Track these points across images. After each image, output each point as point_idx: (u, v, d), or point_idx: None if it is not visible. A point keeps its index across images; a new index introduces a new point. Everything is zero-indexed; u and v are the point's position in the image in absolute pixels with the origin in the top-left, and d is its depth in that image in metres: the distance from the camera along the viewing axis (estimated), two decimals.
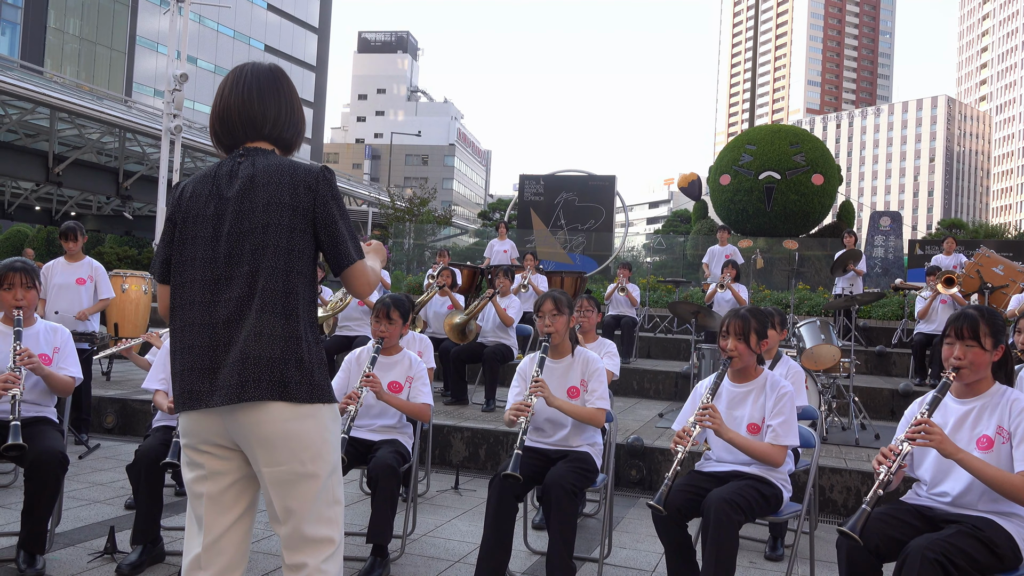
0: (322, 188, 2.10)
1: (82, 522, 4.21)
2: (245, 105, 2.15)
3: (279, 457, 1.99)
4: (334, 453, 2.09)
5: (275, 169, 2.09)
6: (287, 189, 2.07)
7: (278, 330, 2.01)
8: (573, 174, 17.76)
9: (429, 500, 4.98)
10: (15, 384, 3.35)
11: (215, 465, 2.08)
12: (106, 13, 47.03)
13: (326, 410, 2.06)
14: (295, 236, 2.07)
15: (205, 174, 2.18)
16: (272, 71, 2.23)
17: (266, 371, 1.98)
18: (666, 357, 10.41)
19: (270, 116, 2.17)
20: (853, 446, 6.05)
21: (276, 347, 2.00)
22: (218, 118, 2.19)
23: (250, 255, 2.04)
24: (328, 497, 2.07)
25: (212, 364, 2.02)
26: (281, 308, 2.03)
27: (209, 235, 2.08)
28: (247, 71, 2.21)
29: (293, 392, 2.00)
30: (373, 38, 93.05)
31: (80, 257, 6.41)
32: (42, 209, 37.52)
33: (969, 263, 9.75)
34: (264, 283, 2.03)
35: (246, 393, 1.97)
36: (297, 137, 2.25)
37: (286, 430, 1.99)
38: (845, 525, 2.49)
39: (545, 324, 3.72)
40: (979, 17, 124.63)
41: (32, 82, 25.18)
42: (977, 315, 2.70)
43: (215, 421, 2.04)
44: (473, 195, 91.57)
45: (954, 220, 31.92)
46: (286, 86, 2.24)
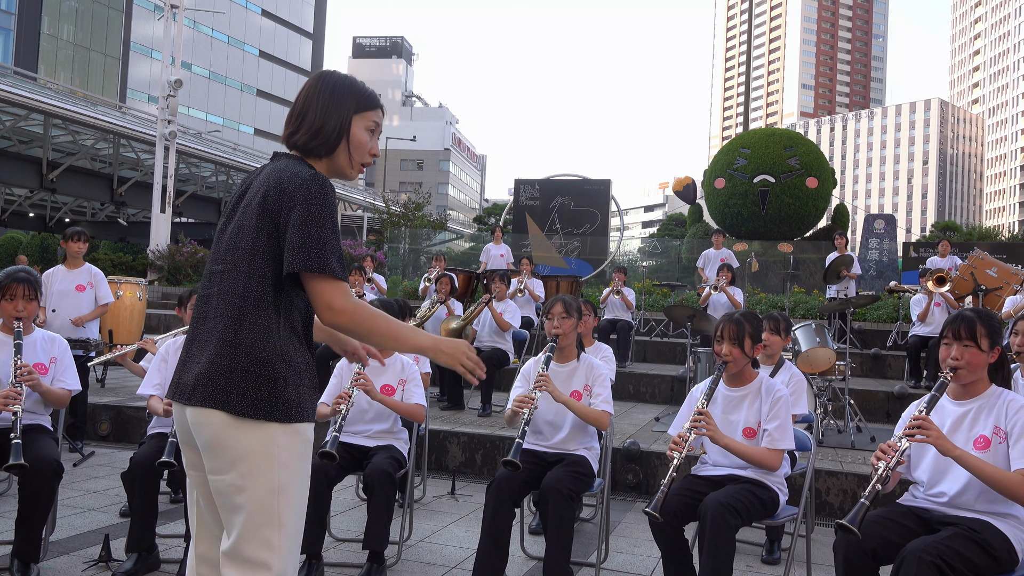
0: (297, 193, 1.93)
1: (77, 530, 4.18)
2: (295, 104, 2.11)
3: (218, 465, 1.90)
4: (281, 472, 1.90)
5: (270, 172, 2.03)
6: (263, 190, 1.98)
7: (229, 336, 1.91)
8: (568, 178, 17.78)
9: (425, 506, 4.97)
10: (16, 400, 3.34)
11: (192, 476, 2.04)
12: (100, 19, 46.96)
13: (276, 428, 1.90)
14: (260, 238, 1.95)
15: (250, 173, 2.17)
16: (331, 76, 2.12)
17: (213, 377, 1.89)
18: (662, 361, 10.41)
19: (295, 121, 2.08)
20: (849, 449, 6.05)
21: (225, 355, 1.90)
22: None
23: (223, 254, 2.01)
24: (269, 519, 1.88)
25: (187, 356, 2.01)
26: (236, 313, 1.92)
27: (220, 230, 2.11)
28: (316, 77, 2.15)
29: (234, 404, 1.87)
30: (368, 43, 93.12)
31: (80, 263, 6.42)
32: (36, 216, 37.41)
33: (963, 265, 9.77)
34: (224, 285, 1.97)
35: (195, 398, 1.90)
36: (317, 146, 2.06)
37: (224, 438, 1.88)
38: (844, 519, 2.49)
39: (554, 326, 3.75)
40: (971, 20, 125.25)
41: (26, 88, 25.13)
42: (975, 316, 2.72)
43: (180, 413, 1.99)
44: (468, 200, 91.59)
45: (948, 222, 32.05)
46: (319, 90, 2.08)
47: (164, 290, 16.28)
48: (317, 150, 2.07)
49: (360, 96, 2.10)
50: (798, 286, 14.19)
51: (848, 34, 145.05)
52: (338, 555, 3.98)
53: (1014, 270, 9.53)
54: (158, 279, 17.77)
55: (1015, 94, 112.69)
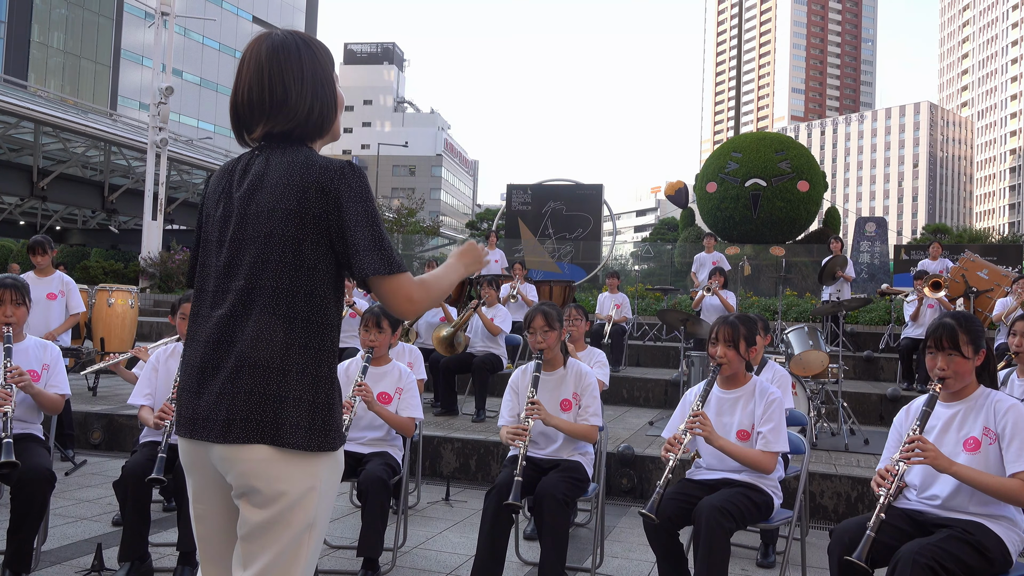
0: (339, 189, 1.74)
1: (68, 539, 4.16)
2: (255, 89, 1.81)
3: (254, 500, 1.71)
4: (320, 505, 1.76)
5: (287, 168, 1.77)
6: (295, 193, 1.74)
7: (276, 362, 1.71)
8: (560, 183, 17.82)
9: (420, 512, 4.96)
10: (6, 401, 3.32)
11: (199, 507, 1.85)
12: (90, 27, 46.87)
13: (324, 459, 1.75)
14: (304, 250, 1.74)
15: (225, 169, 1.90)
16: (287, 42, 1.85)
17: (256, 409, 1.69)
18: (655, 365, 10.43)
19: (271, 110, 1.81)
20: (842, 451, 6.07)
21: (272, 383, 1.70)
22: (232, 106, 1.87)
23: (247, 268, 1.75)
24: (296, 555, 1.74)
25: (199, 387, 1.76)
26: (282, 336, 1.72)
27: (216, 240, 1.82)
28: (259, 46, 1.85)
29: (287, 436, 1.69)
30: (359, 49, 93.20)
31: (50, 272, 6.32)
32: (27, 224, 37.23)
33: (954, 268, 9.83)
34: (261, 303, 1.73)
35: (231, 434, 1.69)
36: (324, 121, 1.86)
37: (267, 472, 1.69)
38: (845, 544, 2.51)
39: (537, 340, 3.74)
40: (959, 24, 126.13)
41: (16, 96, 25.05)
42: (955, 324, 2.73)
43: (198, 449, 1.79)
44: (461, 205, 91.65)
45: (939, 225, 32.23)
46: (307, 58, 1.84)
47: (156, 297, 16.21)
48: (313, 133, 1.86)
49: (328, 52, 1.91)
50: (790, 289, 14.24)
51: (838, 38, 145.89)
52: (332, 562, 3.97)
53: (1004, 272, 9.59)
54: (150, 287, 17.70)
55: (1004, 97, 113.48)
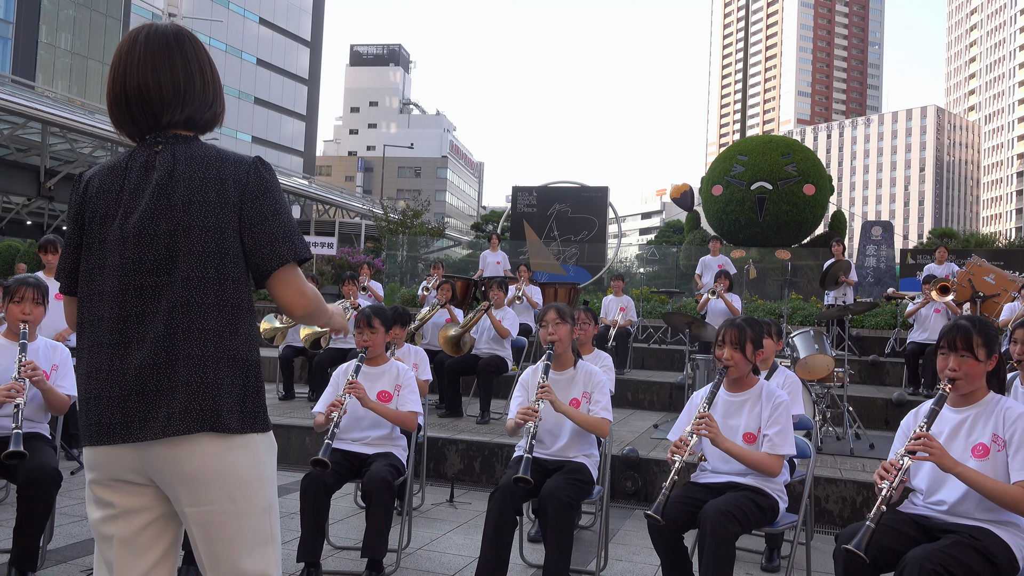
0: (252, 182, 1.80)
1: (74, 539, 4.17)
2: (143, 89, 1.79)
3: (206, 495, 1.72)
4: (269, 488, 1.82)
5: (199, 161, 1.79)
6: (213, 184, 1.77)
7: (209, 350, 1.73)
8: (566, 185, 17.82)
9: (424, 513, 4.96)
10: (19, 394, 3.36)
11: (128, 502, 1.78)
12: (98, 28, 47.05)
13: (260, 440, 1.80)
14: (227, 238, 1.77)
15: (114, 166, 1.85)
16: (176, 36, 1.84)
17: (196, 399, 1.71)
18: (660, 368, 10.41)
19: (171, 98, 1.81)
20: (848, 456, 6.05)
21: (208, 370, 1.73)
22: (115, 102, 1.83)
23: (167, 263, 1.74)
24: (262, 537, 1.80)
25: (122, 391, 1.73)
26: (213, 324, 1.75)
27: (118, 239, 1.77)
28: (143, 39, 1.82)
29: (226, 421, 1.73)
30: (365, 51, 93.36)
31: None
32: (33, 224, 37.40)
33: (961, 272, 9.79)
34: (188, 295, 1.74)
35: (171, 427, 1.69)
36: (216, 115, 1.91)
37: (214, 464, 1.72)
38: (848, 540, 2.49)
39: (549, 333, 3.74)
40: (967, 28, 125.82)
41: (23, 97, 25.17)
42: (970, 326, 2.71)
43: (127, 454, 1.74)
44: (466, 207, 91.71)
45: (945, 229, 32.14)
46: (195, 52, 1.86)
47: None
48: (211, 123, 1.90)
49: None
50: (796, 293, 14.20)
51: (844, 41, 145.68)
52: (337, 563, 3.97)
53: (1011, 276, 9.56)
54: None
55: (1011, 101, 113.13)
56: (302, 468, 3.73)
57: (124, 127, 1.86)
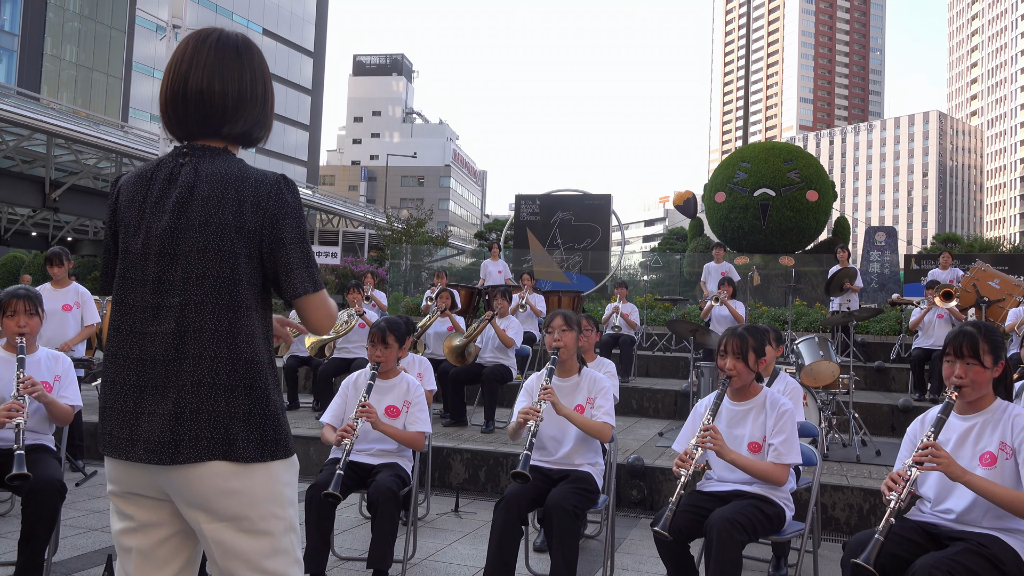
0: (273, 205, 1.73)
1: (79, 550, 4.17)
2: (206, 93, 1.74)
3: (222, 516, 1.69)
4: (289, 508, 1.77)
5: (220, 180, 1.73)
6: (231, 206, 1.71)
7: (222, 378, 1.69)
8: (569, 193, 17.82)
9: (429, 523, 4.95)
10: (19, 413, 3.34)
11: (146, 516, 1.77)
12: (102, 40, 47.30)
13: (280, 464, 1.75)
14: (240, 264, 1.72)
15: (141, 174, 1.81)
16: (242, 47, 1.81)
17: (206, 427, 1.67)
18: (665, 375, 10.39)
19: (233, 109, 1.78)
20: (854, 463, 6.02)
21: (220, 399, 1.68)
22: (171, 101, 1.77)
23: (181, 284, 1.70)
24: (283, 557, 1.75)
25: (136, 407, 1.70)
26: (227, 352, 1.70)
27: (139, 252, 1.74)
28: (212, 44, 1.77)
29: (240, 450, 1.68)
30: (368, 61, 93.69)
31: (66, 283, 6.39)
32: (38, 235, 37.54)
33: (965, 277, 9.76)
34: (201, 321, 1.69)
35: (180, 455, 1.66)
36: (264, 133, 1.87)
37: (228, 488, 1.68)
38: (856, 551, 2.47)
39: (555, 339, 3.74)
40: (968, 33, 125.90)
41: (29, 109, 25.26)
42: (976, 332, 2.69)
43: (141, 471, 1.72)
44: (469, 216, 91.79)
45: (949, 234, 32.04)
46: (259, 68, 1.82)
47: None
48: (256, 139, 1.87)
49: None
50: (800, 299, 14.17)
51: (846, 48, 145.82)
52: (342, 574, 3.96)
53: (1016, 281, 9.53)
54: None
55: (1013, 106, 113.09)
56: (307, 478, 3.73)
57: (174, 128, 1.80)
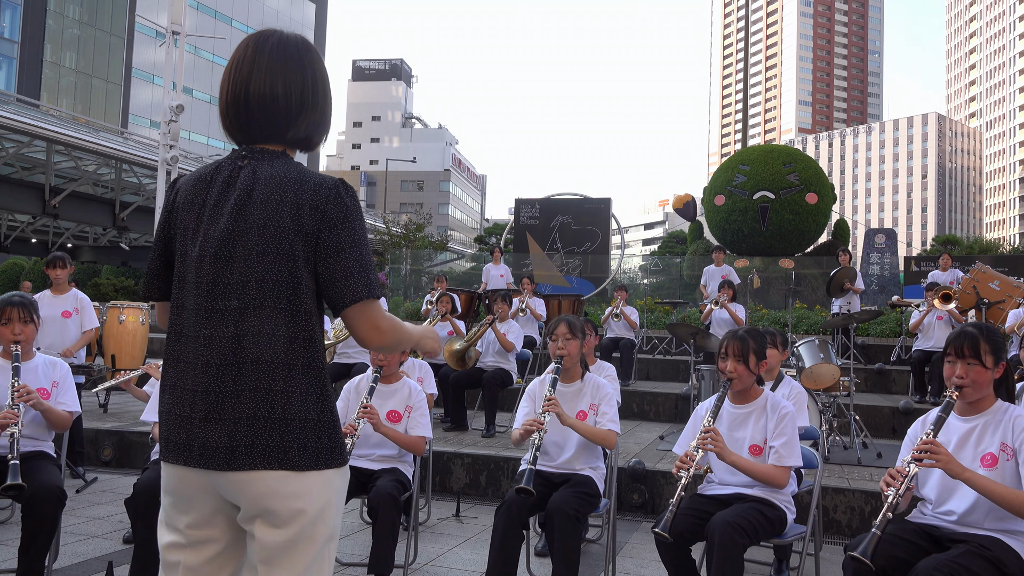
0: (332, 209, 1.71)
1: (80, 557, 4.16)
2: (268, 98, 1.73)
3: (273, 520, 1.67)
4: (336, 517, 1.77)
5: (279, 183, 1.71)
6: (289, 209, 1.69)
7: (279, 384, 1.67)
8: (568, 197, 17.84)
9: (430, 528, 4.94)
10: (14, 421, 3.33)
11: (197, 534, 1.76)
12: (102, 46, 47.38)
13: (334, 472, 1.75)
14: (298, 267, 1.70)
15: (200, 177, 1.79)
16: (303, 49, 1.79)
17: (262, 433, 1.66)
18: (665, 379, 10.39)
19: (296, 113, 1.76)
20: (855, 465, 6.02)
21: (276, 405, 1.67)
22: (232, 105, 1.76)
23: (239, 288, 1.69)
24: (320, 565, 1.74)
25: (191, 412, 1.69)
26: (284, 358, 1.68)
27: (196, 255, 1.73)
28: (272, 46, 1.76)
29: (296, 459, 1.67)
30: (367, 66, 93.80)
31: (66, 289, 6.40)
32: (38, 241, 37.54)
33: (965, 279, 9.76)
34: (259, 325, 1.67)
35: (236, 460, 1.65)
36: (323, 136, 1.85)
37: (285, 493, 1.67)
38: (855, 549, 2.47)
39: (559, 347, 3.73)
40: (966, 36, 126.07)
41: (28, 115, 25.30)
42: (977, 333, 2.70)
43: (197, 476, 1.71)
44: (469, 220, 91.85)
45: (949, 236, 32.02)
46: (320, 70, 1.80)
47: None
48: (314, 143, 1.84)
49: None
50: (800, 302, 14.17)
51: (844, 51, 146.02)
52: None
53: (1016, 283, 9.52)
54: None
55: (1012, 107, 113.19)
56: None
57: (235, 133, 1.79)
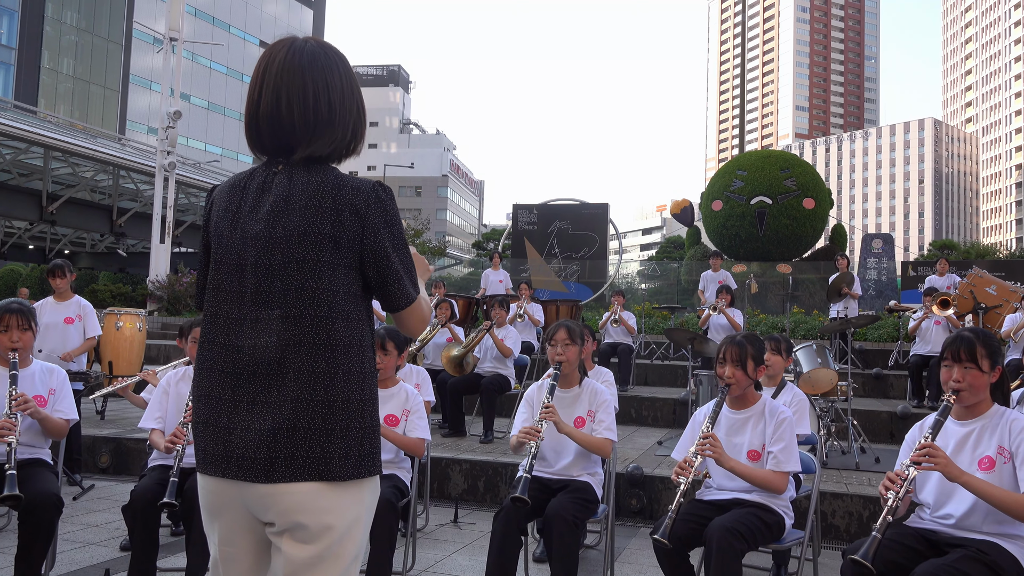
0: (373, 213, 1.69)
1: (76, 565, 4.14)
2: (297, 106, 1.69)
3: (302, 536, 1.64)
4: (364, 535, 1.75)
5: (316, 189, 1.68)
6: (328, 215, 1.67)
7: (320, 395, 1.64)
8: (566, 203, 17.86)
9: (428, 534, 4.93)
10: (11, 431, 3.32)
11: (227, 551, 1.75)
12: (100, 52, 47.42)
13: (368, 485, 1.72)
14: (339, 274, 1.68)
15: (235, 184, 1.78)
16: (326, 53, 1.74)
17: (303, 445, 1.62)
18: (663, 384, 10.38)
19: (328, 121, 1.72)
20: (854, 470, 6.02)
21: (317, 416, 1.63)
22: (248, 124, 1.74)
23: (280, 296, 1.66)
24: None
25: (229, 423, 1.66)
26: (325, 367, 1.65)
27: (234, 264, 1.71)
28: (294, 56, 1.72)
29: (336, 469, 1.64)
30: (365, 72, 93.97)
31: (69, 296, 6.39)
32: (35, 248, 37.49)
33: (962, 283, 9.78)
34: (301, 334, 1.65)
35: (275, 473, 1.61)
36: (356, 141, 1.79)
37: (319, 508, 1.64)
38: (855, 553, 2.47)
39: (557, 352, 3.73)
40: (962, 41, 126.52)
41: (26, 122, 25.32)
42: (973, 337, 2.72)
43: (229, 488, 1.68)
44: (467, 225, 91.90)
45: (946, 241, 32.11)
46: (344, 74, 1.75)
47: (164, 320, 16.26)
48: (345, 155, 1.79)
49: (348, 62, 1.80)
50: (797, 307, 14.18)
51: (840, 56, 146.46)
52: None
53: (1013, 287, 9.55)
54: (158, 309, 17.76)
55: (1008, 112, 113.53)
56: None
57: (261, 146, 1.76)
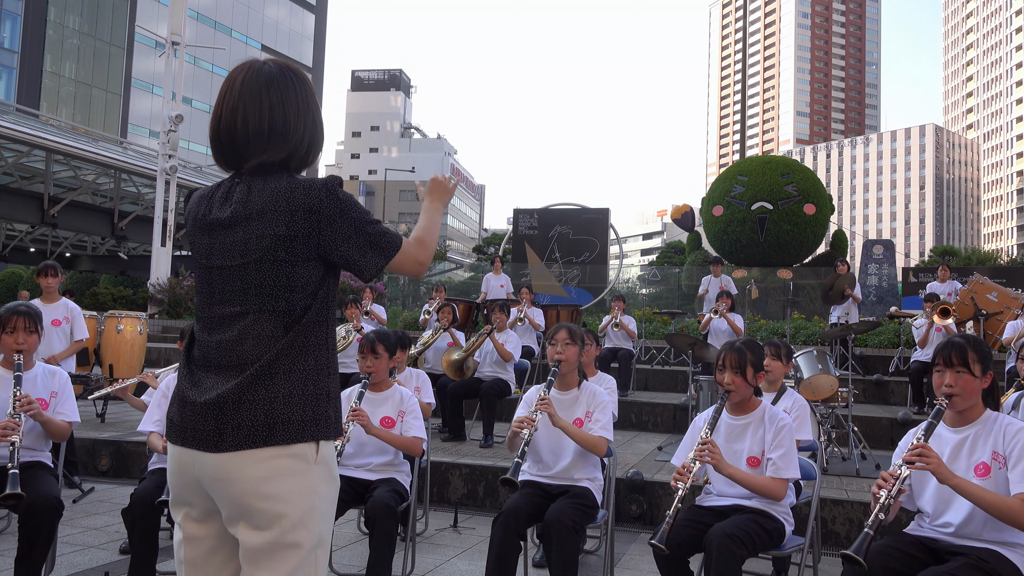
0: (326, 207, 1.81)
1: (76, 568, 4.14)
2: (252, 119, 1.84)
3: (256, 522, 1.72)
4: (322, 523, 1.79)
5: (271, 195, 1.81)
6: (283, 218, 1.79)
7: (264, 368, 1.76)
8: (567, 207, 17.87)
9: (428, 539, 4.93)
10: (15, 431, 3.33)
11: (192, 528, 1.83)
12: (102, 56, 47.51)
13: (321, 472, 1.79)
14: (297, 270, 1.80)
15: (203, 195, 1.94)
16: (284, 74, 1.90)
17: (248, 415, 1.73)
18: (664, 389, 10.38)
19: (282, 134, 1.86)
20: (854, 476, 6.01)
21: (261, 387, 1.76)
22: (217, 134, 1.89)
23: (241, 295, 1.80)
24: (309, 573, 1.77)
25: (186, 397, 1.82)
26: (276, 348, 1.77)
27: (203, 267, 1.87)
28: (253, 75, 1.88)
29: (279, 433, 1.73)
30: (366, 76, 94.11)
31: (56, 298, 6.39)
32: (37, 251, 37.51)
33: (963, 290, 9.78)
34: (258, 328, 1.78)
35: (224, 442, 1.72)
36: (311, 152, 1.93)
37: (266, 491, 1.71)
38: (849, 549, 2.48)
39: (557, 352, 3.73)
40: (963, 47, 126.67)
41: (28, 125, 25.34)
42: (964, 343, 2.75)
43: (188, 458, 1.78)
44: (468, 230, 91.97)
45: (947, 247, 32.07)
46: (299, 92, 1.91)
47: (165, 323, 16.26)
48: (300, 165, 1.92)
49: (313, 86, 1.97)
50: (798, 312, 14.18)
51: (842, 62, 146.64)
52: None
53: (1014, 294, 9.55)
54: (158, 313, 17.76)
55: (1009, 119, 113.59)
56: None
57: (221, 157, 1.92)
